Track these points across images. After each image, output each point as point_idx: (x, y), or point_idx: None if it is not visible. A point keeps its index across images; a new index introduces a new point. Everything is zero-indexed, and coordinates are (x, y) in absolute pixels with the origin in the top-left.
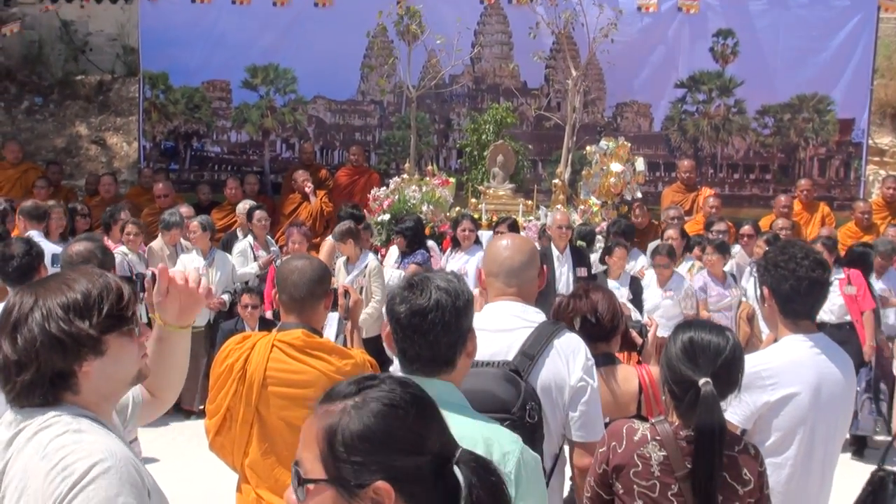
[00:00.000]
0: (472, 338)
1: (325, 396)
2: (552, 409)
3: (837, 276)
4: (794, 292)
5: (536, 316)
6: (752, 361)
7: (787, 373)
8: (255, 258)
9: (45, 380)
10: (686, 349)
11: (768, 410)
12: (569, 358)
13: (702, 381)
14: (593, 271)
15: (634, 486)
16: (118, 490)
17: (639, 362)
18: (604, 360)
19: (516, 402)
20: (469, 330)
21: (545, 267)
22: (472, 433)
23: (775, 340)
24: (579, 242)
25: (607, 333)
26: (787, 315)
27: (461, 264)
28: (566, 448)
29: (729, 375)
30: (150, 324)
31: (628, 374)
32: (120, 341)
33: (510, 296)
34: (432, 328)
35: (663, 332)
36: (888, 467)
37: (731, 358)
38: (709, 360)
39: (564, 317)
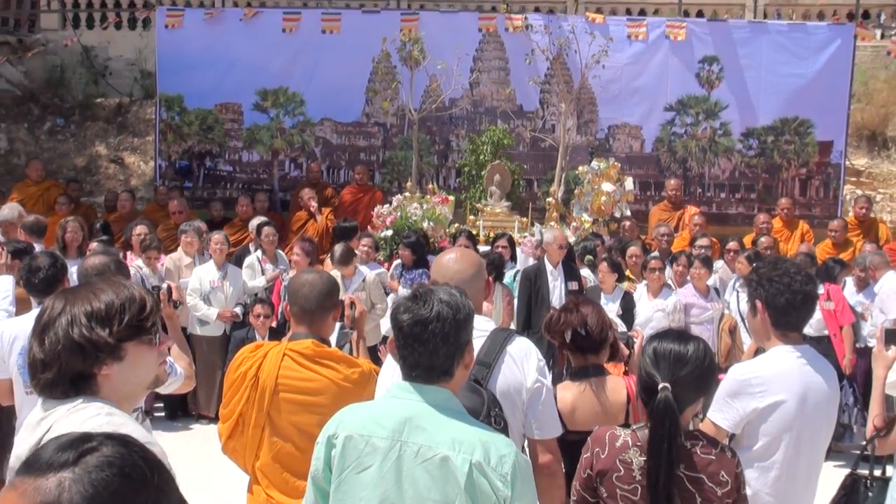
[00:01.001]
0: (469, 350)
1: (28, 467)
2: (512, 411)
3: None
4: (790, 305)
5: (487, 324)
6: (742, 370)
7: (775, 381)
8: (263, 272)
9: (66, 379)
10: (651, 357)
11: (757, 416)
12: (523, 362)
13: (660, 385)
14: (591, 284)
15: (617, 490)
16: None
17: (625, 373)
18: (594, 372)
19: (482, 409)
20: (468, 342)
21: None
22: (471, 437)
23: (758, 351)
24: (587, 257)
25: (596, 345)
26: (779, 327)
27: None
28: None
29: (695, 382)
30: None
31: (617, 385)
32: (139, 349)
33: None
34: (432, 338)
35: None
36: (860, 471)
37: (695, 365)
38: (669, 367)
39: (556, 329)
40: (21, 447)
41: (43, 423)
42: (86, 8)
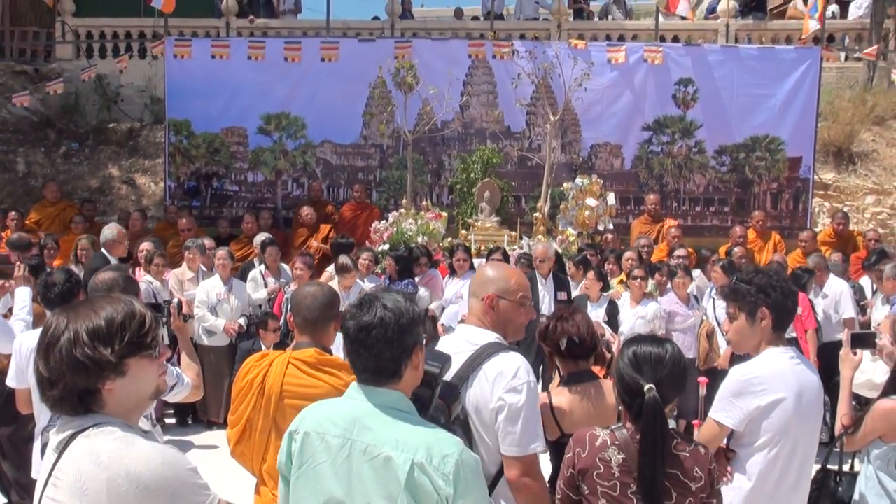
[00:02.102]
0: (418, 352)
1: None
2: (484, 427)
3: None
4: (793, 308)
5: (483, 338)
6: (743, 371)
7: (774, 380)
8: (266, 285)
9: (74, 395)
10: (631, 361)
11: (759, 414)
12: (494, 381)
13: (646, 387)
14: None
15: (598, 487)
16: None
17: (606, 376)
18: (588, 377)
19: (430, 401)
20: (415, 345)
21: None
22: (414, 438)
23: (733, 354)
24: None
25: (587, 352)
26: (778, 329)
27: (457, 289)
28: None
29: (673, 381)
30: (171, 345)
31: (608, 389)
32: (140, 363)
33: (469, 319)
34: (376, 343)
35: None
36: (830, 466)
37: (673, 366)
38: (651, 369)
39: (553, 338)
40: (40, 469)
41: (60, 436)
42: (99, 39)
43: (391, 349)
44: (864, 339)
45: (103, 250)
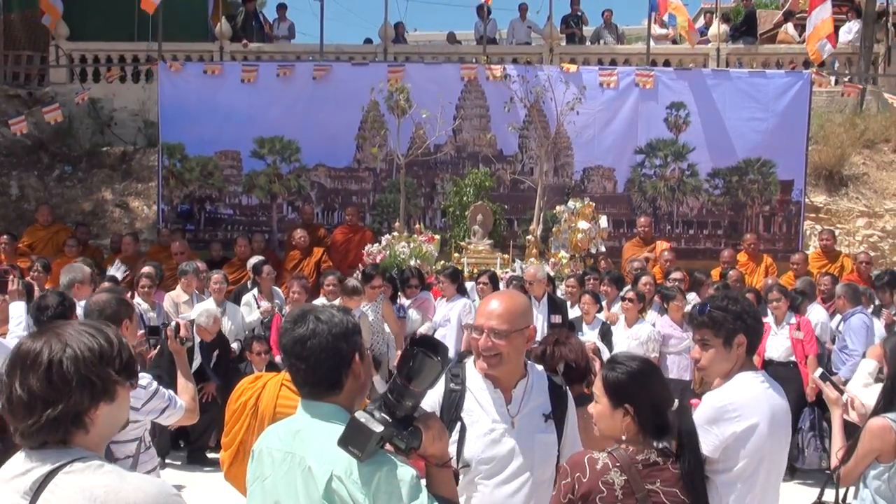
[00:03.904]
0: (356, 362)
1: None
2: None
3: (789, 322)
4: (762, 332)
5: None
6: (717, 397)
7: (748, 406)
8: (259, 307)
9: (68, 418)
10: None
11: (735, 440)
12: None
13: (676, 405)
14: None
15: None
16: None
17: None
18: (583, 400)
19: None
20: (352, 353)
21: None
22: (338, 449)
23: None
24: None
25: (582, 376)
26: (749, 354)
27: (445, 312)
28: None
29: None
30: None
31: None
32: (125, 391)
33: None
34: (312, 353)
35: None
36: (825, 500)
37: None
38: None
39: (552, 363)
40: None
41: (30, 474)
42: (92, 63)
43: (328, 358)
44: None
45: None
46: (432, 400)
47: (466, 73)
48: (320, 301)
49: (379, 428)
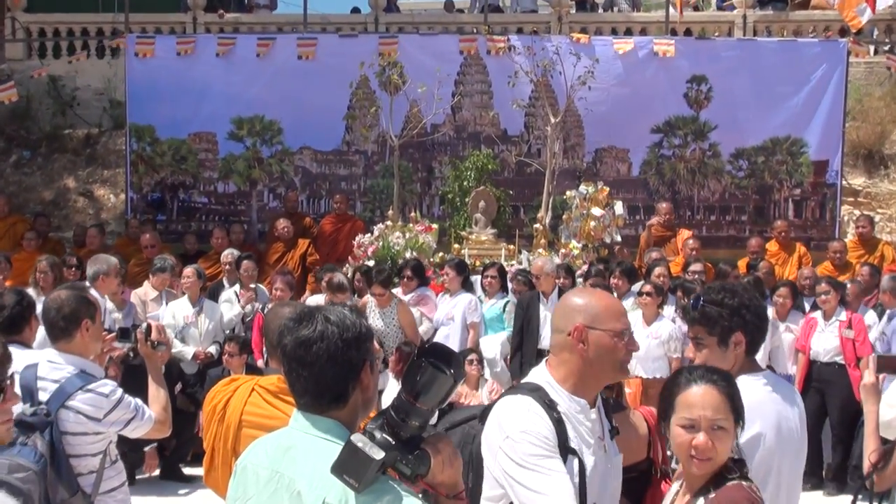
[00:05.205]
0: (366, 372)
1: None
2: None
3: (839, 318)
4: (766, 329)
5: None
6: None
7: (751, 414)
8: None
9: None
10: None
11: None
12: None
13: None
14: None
15: None
16: None
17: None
18: (615, 407)
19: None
20: (363, 362)
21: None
22: (337, 482)
23: None
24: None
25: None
26: (750, 354)
27: (448, 309)
28: None
29: None
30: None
31: (638, 419)
32: None
33: (550, 360)
34: (317, 360)
35: (643, 374)
36: None
37: None
38: None
39: None
40: None
41: None
42: (52, 37)
43: (335, 367)
44: (892, 362)
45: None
46: (548, 433)
47: (466, 46)
48: (315, 300)
49: (379, 455)
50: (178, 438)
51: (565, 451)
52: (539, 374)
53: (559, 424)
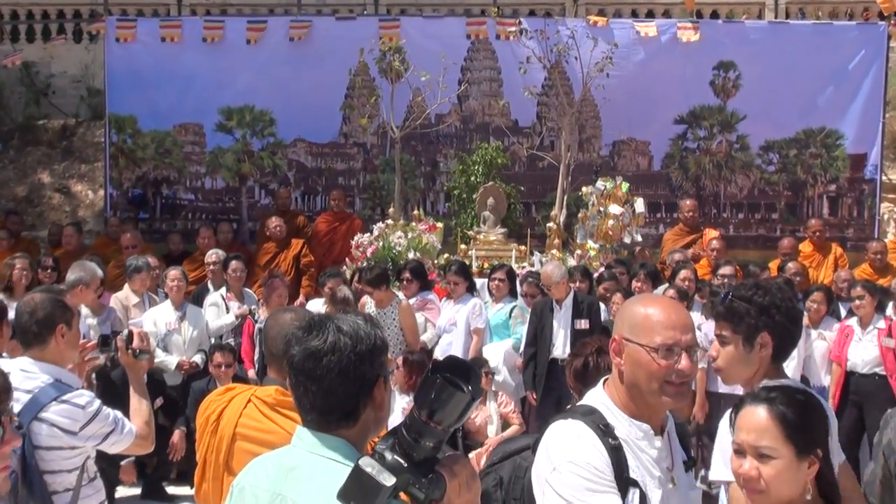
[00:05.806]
0: (380, 388)
1: None
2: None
3: (877, 326)
4: (798, 333)
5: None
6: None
7: None
8: (228, 310)
9: None
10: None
11: None
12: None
13: None
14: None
15: None
16: None
17: None
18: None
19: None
20: (377, 377)
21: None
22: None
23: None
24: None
25: None
26: (777, 359)
27: (451, 315)
28: None
29: None
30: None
31: None
32: None
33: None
34: (327, 373)
35: None
36: None
37: None
38: None
39: (597, 378)
40: None
41: None
42: (26, 20)
43: (346, 382)
44: None
45: None
46: (600, 463)
47: (473, 30)
48: (314, 305)
49: (390, 481)
50: (159, 455)
51: (625, 482)
52: (595, 395)
53: (616, 452)
